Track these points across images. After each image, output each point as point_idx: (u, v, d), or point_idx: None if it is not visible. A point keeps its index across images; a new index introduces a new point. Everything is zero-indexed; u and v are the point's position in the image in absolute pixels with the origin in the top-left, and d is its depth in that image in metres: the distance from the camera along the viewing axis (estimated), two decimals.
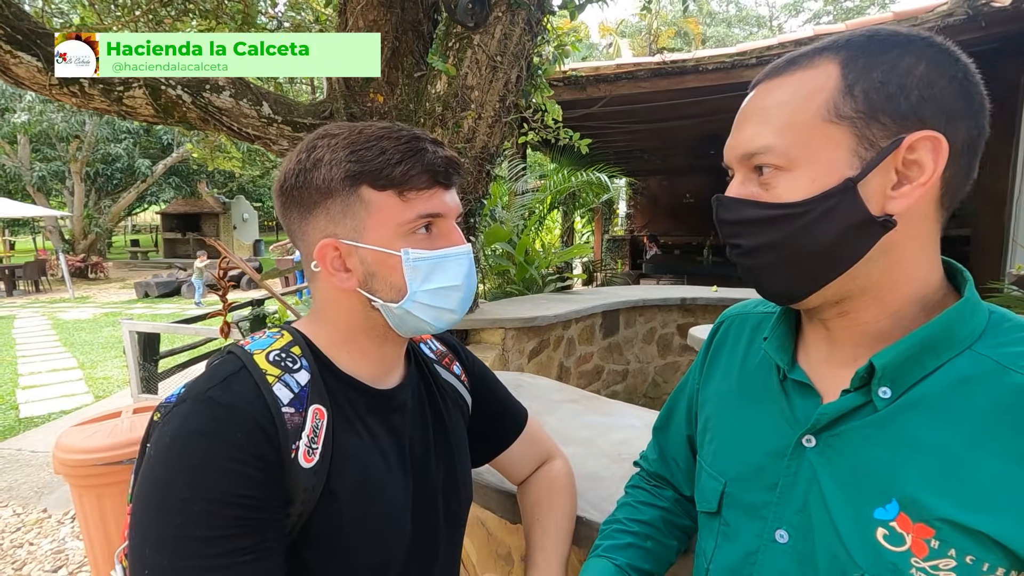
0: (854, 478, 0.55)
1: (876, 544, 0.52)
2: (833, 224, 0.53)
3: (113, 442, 2.10)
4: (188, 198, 19.46)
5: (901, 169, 0.52)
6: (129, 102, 2.24)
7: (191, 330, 4.29)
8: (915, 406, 0.53)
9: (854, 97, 0.52)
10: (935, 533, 0.49)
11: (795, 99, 0.54)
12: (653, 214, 12.48)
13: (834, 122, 0.53)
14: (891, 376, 0.54)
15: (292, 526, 0.62)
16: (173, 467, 0.57)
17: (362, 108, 2.55)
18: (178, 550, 0.55)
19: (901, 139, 0.51)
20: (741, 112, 0.60)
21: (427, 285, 0.68)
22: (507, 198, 4.99)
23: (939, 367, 0.53)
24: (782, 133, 0.54)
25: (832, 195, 0.53)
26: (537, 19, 2.52)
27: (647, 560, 0.76)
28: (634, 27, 16.71)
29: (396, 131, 0.68)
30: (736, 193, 0.59)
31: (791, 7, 18.66)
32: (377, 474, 0.70)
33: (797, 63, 0.56)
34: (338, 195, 0.67)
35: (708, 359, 0.79)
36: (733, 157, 0.60)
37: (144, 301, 11.69)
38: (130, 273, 16.89)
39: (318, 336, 0.72)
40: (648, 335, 4.18)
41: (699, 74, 4.94)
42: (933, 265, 0.57)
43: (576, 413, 1.51)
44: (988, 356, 0.52)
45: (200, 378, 0.64)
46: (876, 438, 0.54)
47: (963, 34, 4.14)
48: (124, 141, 16.65)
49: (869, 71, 0.52)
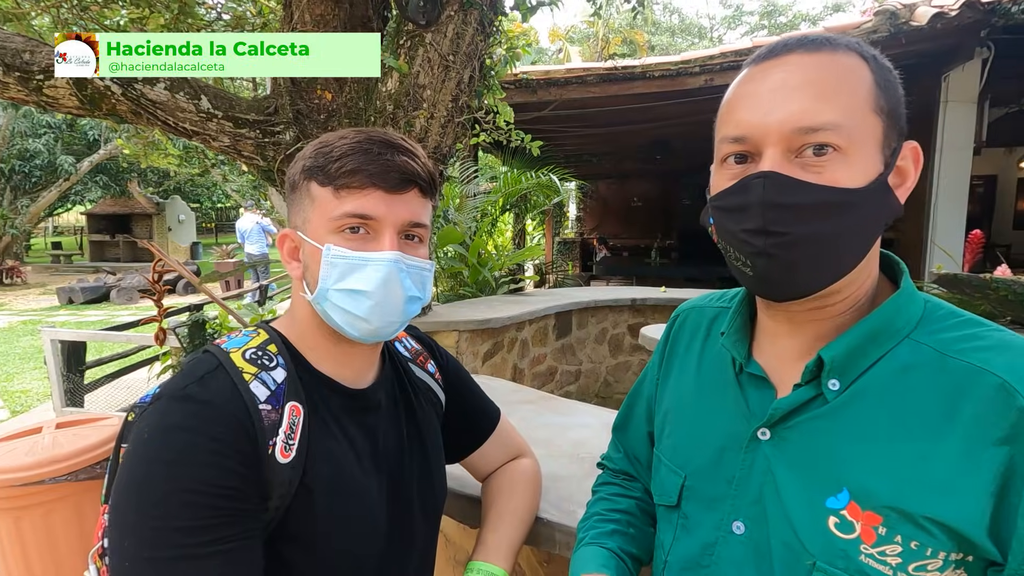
0: (807, 469, 0.56)
1: (827, 532, 0.53)
2: (877, 216, 0.54)
3: (34, 460, 1.93)
4: (118, 198, 18.25)
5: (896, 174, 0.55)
6: (50, 92, 2.07)
7: (122, 337, 4.01)
8: (862, 396, 0.55)
9: (886, 95, 0.53)
10: (883, 520, 0.51)
11: (849, 79, 0.52)
12: (603, 217, 12.72)
13: (875, 113, 0.53)
14: (839, 368, 0.56)
15: (269, 521, 0.63)
16: (152, 461, 0.58)
17: (309, 105, 2.47)
18: (158, 541, 0.56)
19: (902, 144, 0.54)
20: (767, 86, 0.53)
21: (338, 284, 0.68)
22: (459, 200, 4.95)
23: (882, 356, 0.55)
24: (847, 112, 0.51)
25: (880, 186, 0.53)
26: (490, 19, 2.51)
27: (633, 544, 0.76)
28: (583, 33, 17.02)
29: (365, 133, 0.70)
30: (786, 172, 0.52)
31: (729, 20, 19.53)
32: (351, 471, 0.71)
33: (828, 44, 0.53)
34: (298, 188, 0.71)
35: (666, 353, 0.80)
36: (775, 131, 0.52)
37: (68, 308, 10.88)
38: (52, 278, 15.67)
39: (292, 334, 0.74)
40: (600, 335, 4.24)
41: (646, 80, 5.07)
42: (877, 260, 0.60)
43: (534, 414, 1.51)
44: (926, 344, 0.54)
45: (176, 376, 0.65)
46: (827, 429, 0.56)
47: (886, 50, 4.42)
48: (44, 136, 15.45)
49: (886, 75, 0.54)
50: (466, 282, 4.55)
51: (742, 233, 0.55)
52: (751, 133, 0.54)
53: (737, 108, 0.56)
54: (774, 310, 0.63)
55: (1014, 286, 2.33)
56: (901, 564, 0.50)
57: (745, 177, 0.54)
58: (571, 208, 14.44)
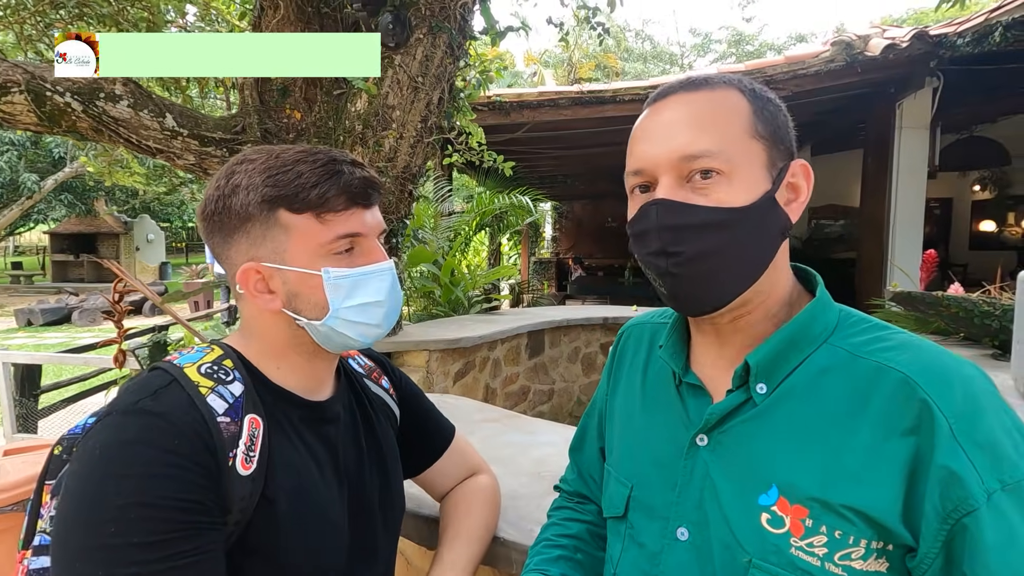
0: (741, 470, 0.59)
1: (761, 528, 0.56)
2: (767, 230, 0.59)
3: None
4: (83, 216, 17.77)
5: (786, 190, 0.60)
6: (7, 108, 2.03)
7: (79, 360, 3.87)
8: (787, 397, 0.59)
9: (763, 122, 0.59)
10: (808, 512, 0.54)
11: (724, 111, 0.58)
12: (578, 237, 12.86)
13: (755, 139, 0.58)
14: (764, 373, 0.60)
15: (230, 535, 0.62)
16: (104, 477, 0.56)
17: (277, 124, 2.46)
18: (114, 559, 0.54)
19: (788, 163, 0.60)
20: (658, 121, 0.61)
21: (349, 302, 0.70)
22: (433, 220, 4.96)
23: (803, 360, 0.59)
24: (724, 140, 0.57)
25: (766, 202, 0.58)
26: (459, 43, 2.55)
27: (578, 570, 0.76)
28: (557, 58, 17.38)
29: (313, 154, 0.70)
30: (674, 198, 0.58)
31: (699, 48, 20.18)
32: (313, 483, 0.70)
33: (707, 83, 0.60)
34: (256, 220, 0.68)
35: (613, 370, 0.82)
36: (664, 162, 0.58)
37: (27, 330, 10.48)
38: (10, 299, 15.09)
39: (248, 350, 0.73)
40: (573, 354, 4.25)
41: (617, 104, 5.19)
42: (791, 272, 0.65)
43: (497, 432, 1.50)
44: (840, 347, 0.59)
45: (125, 393, 0.63)
46: (757, 431, 0.59)
47: (843, 78, 4.65)
48: (6, 153, 15.03)
49: (763, 104, 0.60)
50: (438, 301, 4.53)
51: (648, 256, 0.60)
52: (646, 165, 0.60)
53: (636, 144, 0.63)
54: (699, 323, 0.67)
55: (964, 303, 2.43)
56: (827, 554, 0.53)
57: (643, 205, 0.60)
58: (547, 228, 14.57)
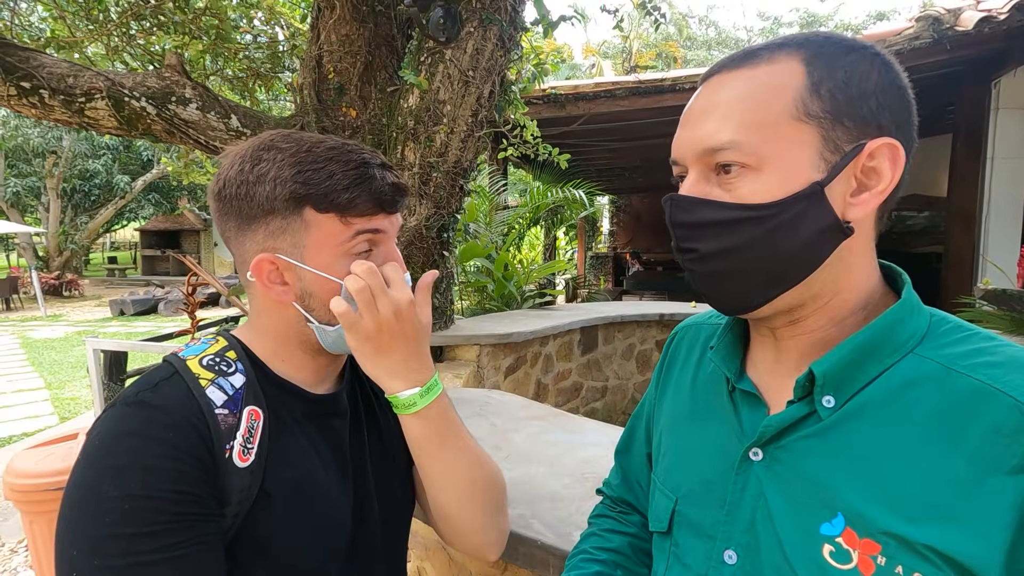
0: (800, 492, 0.52)
1: (822, 562, 0.49)
2: (801, 229, 0.51)
3: (67, 466, 2.00)
4: (168, 215, 19.21)
5: (860, 176, 0.51)
6: (91, 114, 2.19)
7: (158, 348, 4.15)
8: (859, 414, 0.51)
9: (821, 97, 0.50)
10: (881, 549, 0.46)
11: (761, 93, 0.51)
12: (635, 231, 12.59)
13: (803, 121, 0.50)
14: (833, 384, 0.52)
15: (228, 528, 0.62)
16: (101, 467, 0.57)
17: (334, 122, 2.53)
18: (108, 550, 0.54)
19: (863, 144, 0.50)
20: (692, 106, 0.56)
21: None
22: (488, 215, 4.98)
23: (883, 372, 0.51)
24: (750, 129, 0.50)
25: (802, 198, 0.50)
26: (510, 35, 2.53)
27: None
28: (616, 48, 17.02)
29: (345, 152, 0.68)
30: (693, 192, 0.54)
31: (768, 31, 19.21)
32: (314, 476, 0.69)
33: (756, 56, 0.53)
34: (280, 213, 0.67)
35: (663, 373, 0.76)
36: (689, 153, 0.54)
37: (120, 319, 11.43)
38: (107, 291, 16.53)
39: (254, 342, 0.73)
40: (627, 351, 4.16)
41: (676, 93, 5.01)
42: (874, 271, 0.56)
43: (542, 430, 1.47)
44: (931, 359, 0.50)
45: (131, 385, 0.64)
46: (821, 449, 0.52)
47: (929, 57, 4.26)
48: (103, 157, 16.43)
49: (833, 71, 0.51)
50: (491, 296, 4.55)
51: (675, 251, 0.58)
52: (677, 155, 0.57)
53: (677, 130, 0.58)
54: (755, 324, 0.60)
55: None
56: None
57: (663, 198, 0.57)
58: (604, 222, 14.35)
